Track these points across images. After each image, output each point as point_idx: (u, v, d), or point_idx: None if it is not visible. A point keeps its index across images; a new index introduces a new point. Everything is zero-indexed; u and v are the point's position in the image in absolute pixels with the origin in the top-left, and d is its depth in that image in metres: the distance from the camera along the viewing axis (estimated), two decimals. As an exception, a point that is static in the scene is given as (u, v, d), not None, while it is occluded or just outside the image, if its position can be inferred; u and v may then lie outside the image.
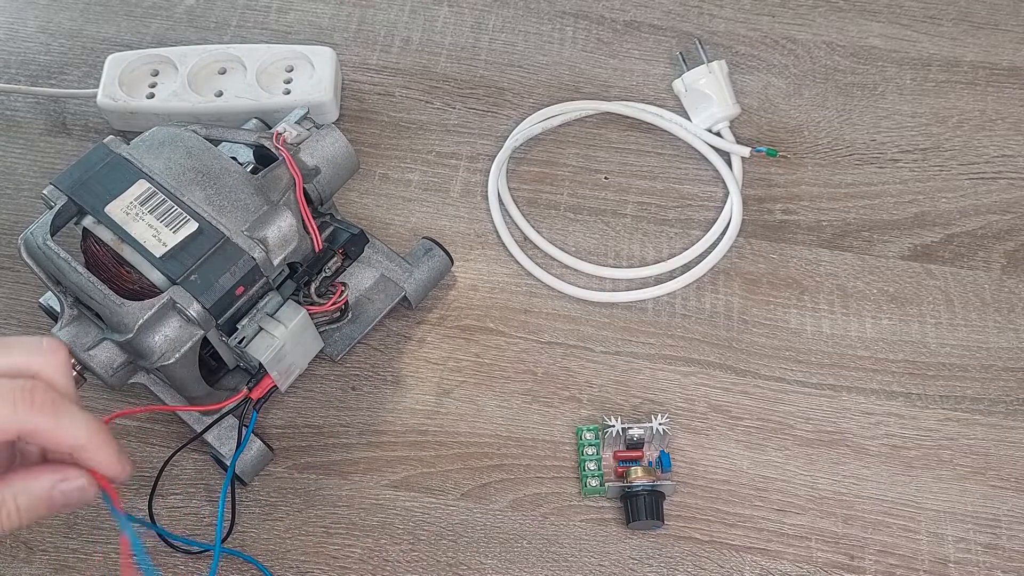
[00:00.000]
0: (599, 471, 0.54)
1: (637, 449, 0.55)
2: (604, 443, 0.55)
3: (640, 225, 0.64)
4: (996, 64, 0.71)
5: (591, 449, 0.55)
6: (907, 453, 0.56)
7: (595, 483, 0.54)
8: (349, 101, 0.69)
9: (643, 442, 0.55)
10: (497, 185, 0.65)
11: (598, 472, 0.54)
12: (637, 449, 0.55)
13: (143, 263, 0.48)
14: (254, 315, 0.50)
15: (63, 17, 0.72)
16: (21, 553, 0.53)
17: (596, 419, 0.56)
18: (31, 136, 0.67)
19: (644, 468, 0.53)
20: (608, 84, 0.70)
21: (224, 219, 0.49)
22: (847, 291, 0.62)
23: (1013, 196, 0.65)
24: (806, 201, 0.65)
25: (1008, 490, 0.55)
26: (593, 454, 0.55)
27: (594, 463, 0.54)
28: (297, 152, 0.53)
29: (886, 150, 0.67)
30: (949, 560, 0.53)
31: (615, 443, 0.55)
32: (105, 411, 0.57)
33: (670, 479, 0.54)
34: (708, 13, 0.73)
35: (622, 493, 0.53)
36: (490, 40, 0.72)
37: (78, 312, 0.49)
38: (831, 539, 0.54)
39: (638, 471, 0.53)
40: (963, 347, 0.60)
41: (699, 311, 0.61)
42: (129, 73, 0.66)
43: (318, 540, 0.53)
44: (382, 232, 0.63)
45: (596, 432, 0.55)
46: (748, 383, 0.58)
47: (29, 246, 0.49)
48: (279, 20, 0.73)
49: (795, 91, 0.70)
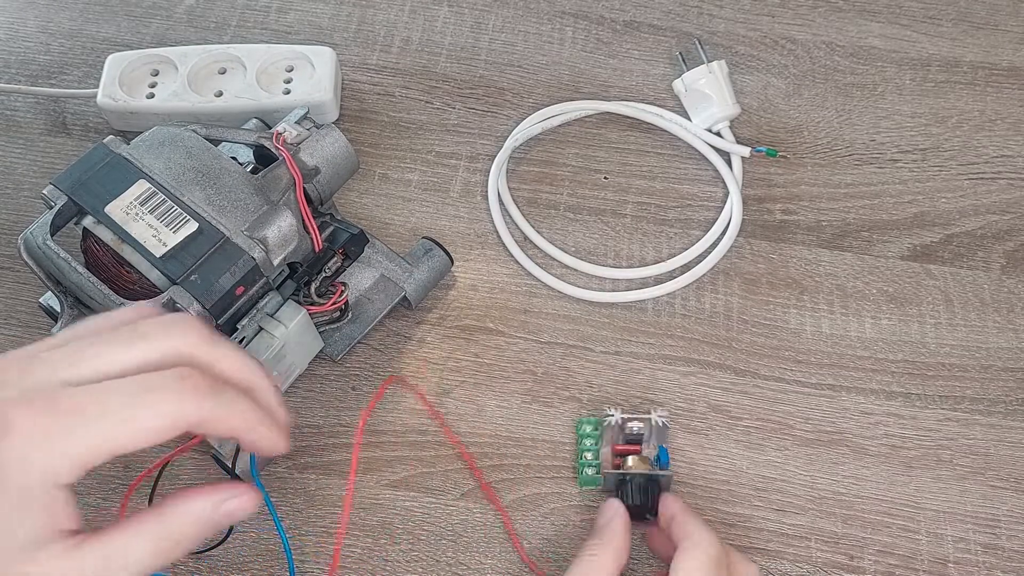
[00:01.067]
0: (596, 460, 0.54)
1: (635, 444, 0.54)
2: (604, 436, 0.54)
3: (640, 225, 0.64)
4: (996, 64, 0.71)
5: (590, 441, 0.54)
6: (906, 453, 0.56)
7: (591, 472, 0.54)
8: (349, 101, 0.69)
9: (642, 437, 0.54)
10: (497, 185, 0.65)
11: (595, 462, 0.54)
12: (635, 444, 0.54)
13: (143, 263, 0.48)
14: (254, 315, 0.50)
15: (63, 17, 0.72)
16: (21, 553, 0.53)
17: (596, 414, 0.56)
18: (31, 136, 0.67)
19: (640, 457, 0.52)
20: (608, 84, 0.70)
21: (224, 219, 0.49)
22: (847, 291, 0.62)
23: (1013, 196, 0.65)
24: (806, 201, 0.65)
25: (1008, 490, 0.55)
26: (591, 445, 0.54)
27: (592, 454, 0.54)
28: (297, 152, 0.53)
29: (886, 150, 0.67)
30: (949, 560, 0.53)
31: (615, 436, 0.54)
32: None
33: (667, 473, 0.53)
34: (708, 13, 0.73)
35: (617, 480, 0.52)
36: (490, 40, 0.72)
37: (78, 312, 0.49)
38: (831, 539, 0.54)
39: (635, 459, 0.52)
40: (963, 347, 0.60)
41: (699, 311, 0.61)
42: (129, 73, 0.66)
43: (318, 540, 0.53)
44: (382, 232, 0.63)
45: (596, 424, 0.55)
46: (748, 383, 0.58)
47: (29, 246, 0.49)
48: (279, 20, 0.73)
49: (795, 91, 0.70)
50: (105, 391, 0.32)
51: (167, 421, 0.32)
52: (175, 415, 0.32)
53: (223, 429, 0.34)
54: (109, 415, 0.31)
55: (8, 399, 0.32)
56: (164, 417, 0.32)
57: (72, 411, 0.31)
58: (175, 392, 0.32)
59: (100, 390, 0.32)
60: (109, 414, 0.31)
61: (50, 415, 0.31)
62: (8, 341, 0.59)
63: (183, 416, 0.32)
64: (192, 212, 0.48)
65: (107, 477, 0.55)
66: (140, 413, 0.32)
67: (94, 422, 0.31)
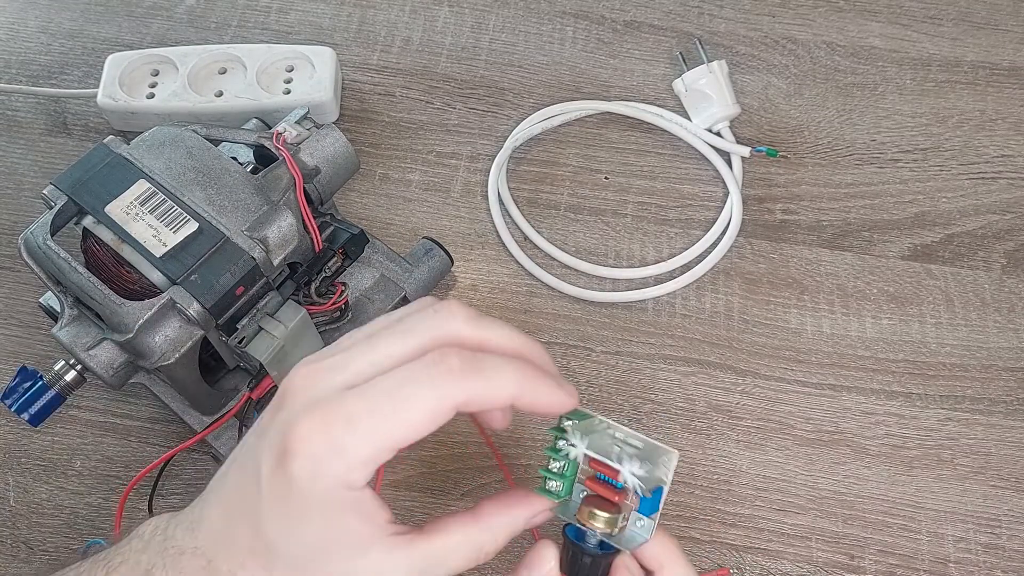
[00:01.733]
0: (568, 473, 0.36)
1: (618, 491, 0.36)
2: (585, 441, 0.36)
3: (640, 225, 0.64)
4: (996, 64, 0.71)
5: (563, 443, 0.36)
6: (907, 453, 0.56)
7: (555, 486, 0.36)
8: (349, 101, 0.69)
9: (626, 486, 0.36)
10: (497, 185, 0.65)
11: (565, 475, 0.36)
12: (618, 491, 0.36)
13: (143, 263, 0.48)
14: (254, 315, 0.50)
15: (63, 17, 0.72)
16: (21, 553, 0.53)
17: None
18: (31, 136, 0.67)
19: (609, 520, 0.35)
20: (608, 84, 0.70)
21: (224, 219, 0.49)
22: (847, 291, 0.62)
23: (1013, 196, 0.65)
24: (806, 201, 0.65)
25: (1008, 490, 0.55)
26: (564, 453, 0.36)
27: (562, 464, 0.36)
28: (297, 152, 0.53)
29: (886, 150, 0.67)
30: (949, 560, 0.53)
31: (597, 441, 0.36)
32: (106, 411, 0.57)
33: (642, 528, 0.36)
34: (708, 13, 0.73)
35: (565, 530, 0.37)
36: (490, 40, 0.72)
37: (78, 312, 0.49)
38: (831, 539, 0.54)
39: (600, 518, 0.35)
40: (963, 347, 0.60)
41: (699, 311, 0.61)
42: (129, 73, 0.66)
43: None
44: (382, 232, 0.63)
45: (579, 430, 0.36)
46: (748, 383, 0.58)
47: (29, 246, 0.49)
48: (279, 20, 0.73)
49: (795, 91, 0.70)
50: (373, 390, 0.32)
51: (432, 408, 0.32)
52: (438, 401, 0.32)
53: (495, 399, 0.33)
54: (378, 413, 0.32)
55: (293, 415, 0.33)
56: (427, 407, 0.32)
57: (348, 417, 0.32)
58: (431, 378, 0.32)
59: (369, 390, 0.32)
60: (378, 412, 0.32)
61: (328, 424, 0.32)
62: (8, 341, 0.59)
63: (448, 399, 0.32)
64: (192, 212, 0.48)
65: (107, 477, 0.55)
66: (405, 406, 0.32)
67: (367, 423, 0.32)
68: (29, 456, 0.56)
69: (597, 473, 0.36)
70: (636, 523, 0.36)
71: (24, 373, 0.51)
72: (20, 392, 0.50)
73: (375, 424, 0.32)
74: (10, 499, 0.55)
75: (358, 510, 0.33)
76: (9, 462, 0.56)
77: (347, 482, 0.32)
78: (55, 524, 0.54)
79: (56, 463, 0.56)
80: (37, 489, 0.55)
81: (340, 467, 0.32)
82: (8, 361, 0.58)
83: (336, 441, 0.32)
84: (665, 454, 0.35)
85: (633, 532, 0.36)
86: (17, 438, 0.56)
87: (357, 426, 0.32)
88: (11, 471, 0.55)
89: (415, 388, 0.32)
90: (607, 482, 0.36)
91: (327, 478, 0.32)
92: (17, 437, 0.56)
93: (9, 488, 0.55)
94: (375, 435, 0.32)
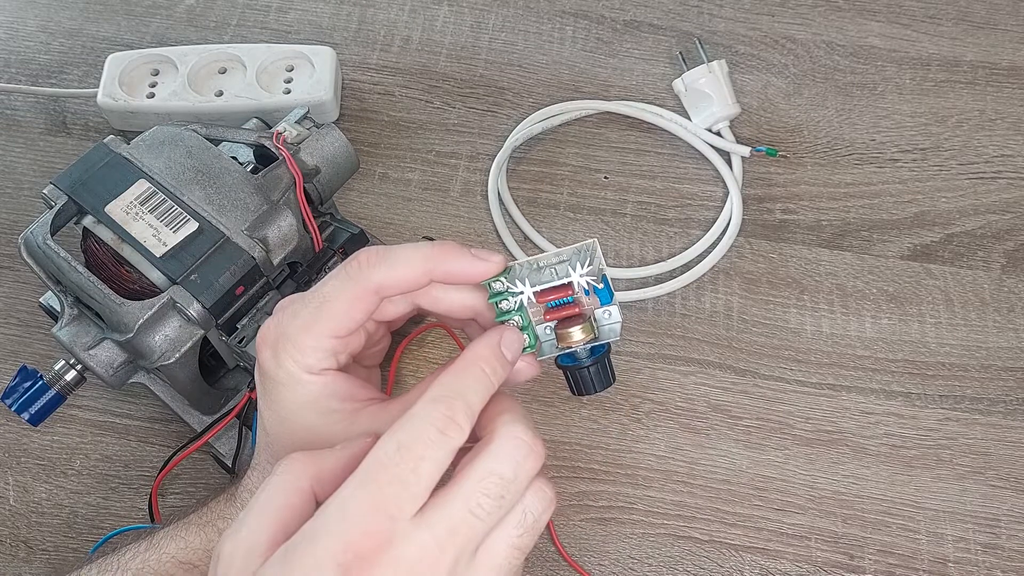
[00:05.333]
0: (526, 323, 0.38)
1: (570, 305, 0.38)
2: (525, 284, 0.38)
3: (640, 225, 0.64)
4: (996, 64, 0.71)
5: (507, 302, 0.38)
6: (906, 453, 0.56)
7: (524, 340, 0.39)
8: (349, 101, 0.69)
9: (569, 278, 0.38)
10: (497, 185, 0.65)
11: (524, 325, 0.38)
12: (570, 305, 0.38)
13: (143, 263, 0.48)
14: (254, 315, 0.50)
15: (63, 16, 0.72)
16: (21, 553, 0.53)
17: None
18: (31, 136, 0.67)
19: (584, 328, 0.38)
20: (608, 84, 0.70)
21: (224, 219, 0.49)
22: (847, 291, 0.62)
23: (1013, 196, 0.65)
24: (806, 201, 0.65)
25: (1008, 490, 0.55)
26: (513, 306, 0.38)
27: (518, 317, 0.38)
28: (297, 152, 0.53)
29: (886, 150, 0.67)
30: (948, 560, 0.53)
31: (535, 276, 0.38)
32: (105, 410, 0.57)
33: (611, 317, 0.39)
34: (708, 13, 0.73)
35: (558, 362, 0.40)
36: (490, 39, 0.72)
37: (78, 312, 0.49)
38: (831, 539, 0.54)
39: (576, 333, 0.38)
40: (963, 347, 0.60)
41: (699, 311, 0.61)
42: (129, 73, 0.66)
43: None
44: (382, 232, 0.63)
45: (510, 282, 0.38)
46: (748, 383, 0.58)
47: (29, 246, 0.49)
48: (279, 20, 0.73)
49: (795, 91, 0.70)
50: (311, 292, 0.38)
51: (349, 296, 0.37)
52: (353, 287, 0.37)
53: (406, 278, 0.37)
54: (311, 305, 0.37)
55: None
56: (345, 296, 0.37)
57: (293, 313, 0.38)
58: (346, 272, 0.37)
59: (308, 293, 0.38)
60: (311, 305, 0.37)
61: (279, 322, 0.38)
62: (8, 340, 0.59)
63: (360, 284, 0.37)
64: (192, 212, 0.48)
65: (106, 476, 0.55)
66: (329, 297, 0.37)
67: (304, 314, 0.37)
68: (29, 455, 0.56)
69: (548, 302, 0.38)
70: (605, 316, 0.39)
71: (24, 373, 0.51)
72: (20, 392, 0.50)
73: (309, 314, 0.37)
74: (10, 498, 0.55)
75: (324, 390, 0.38)
76: (9, 461, 0.56)
77: (305, 365, 0.37)
78: (55, 523, 0.54)
79: (56, 462, 0.56)
80: (37, 488, 0.55)
81: (293, 352, 0.37)
82: (8, 361, 0.58)
83: (283, 330, 0.37)
84: (588, 248, 0.37)
85: (607, 324, 0.39)
86: (17, 437, 0.56)
87: (295, 319, 0.37)
88: (11, 470, 0.55)
89: (335, 282, 0.37)
90: (562, 303, 0.38)
91: (286, 362, 0.37)
92: (17, 436, 0.56)
93: (9, 487, 0.55)
94: (314, 325, 0.37)
